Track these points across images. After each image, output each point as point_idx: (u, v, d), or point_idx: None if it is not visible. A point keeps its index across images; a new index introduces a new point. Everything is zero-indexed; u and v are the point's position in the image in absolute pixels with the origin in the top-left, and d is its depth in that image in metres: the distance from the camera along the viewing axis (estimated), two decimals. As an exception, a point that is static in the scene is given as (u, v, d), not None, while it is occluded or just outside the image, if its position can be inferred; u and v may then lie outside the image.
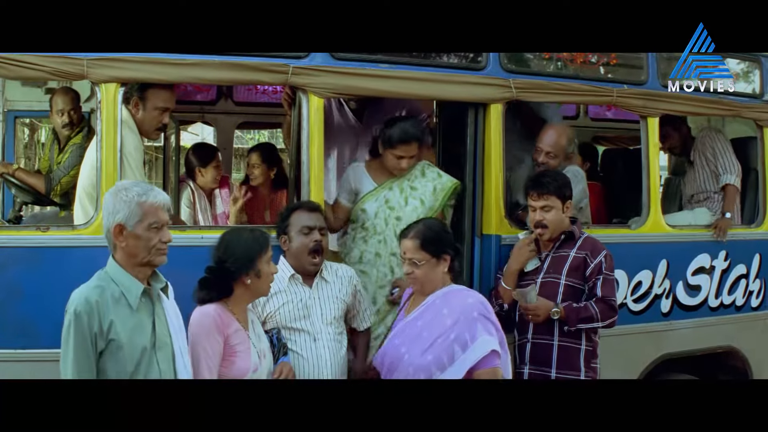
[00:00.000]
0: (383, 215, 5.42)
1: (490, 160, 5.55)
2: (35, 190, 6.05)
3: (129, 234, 3.65)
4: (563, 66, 6.44)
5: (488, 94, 5.52)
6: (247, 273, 4.24)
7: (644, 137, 6.15)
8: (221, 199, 7.02)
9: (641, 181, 6.15)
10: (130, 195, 3.66)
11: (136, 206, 3.65)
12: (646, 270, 6.14)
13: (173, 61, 4.73)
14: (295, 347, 4.70)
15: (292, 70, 4.95)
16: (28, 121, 11.66)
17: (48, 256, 4.34)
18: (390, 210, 5.43)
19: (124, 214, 3.64)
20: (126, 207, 3.64)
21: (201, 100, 8.36)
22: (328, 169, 6.11)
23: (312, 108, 5.03)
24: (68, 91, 6.30)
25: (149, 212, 3.67)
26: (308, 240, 4.80)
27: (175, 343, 3.84)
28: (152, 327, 3.73)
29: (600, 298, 5.09)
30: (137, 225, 3.65)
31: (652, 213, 6.13)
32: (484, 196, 5.60)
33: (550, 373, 5.14)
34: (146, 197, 3.68)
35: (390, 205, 5.44)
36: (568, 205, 5.25)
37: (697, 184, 7.10)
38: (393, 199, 5.46)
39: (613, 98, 5.97)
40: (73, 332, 3.49)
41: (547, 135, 5.88)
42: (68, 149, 5.97)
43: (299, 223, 4.83)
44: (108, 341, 3.55)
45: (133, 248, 3.68)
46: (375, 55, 5.20)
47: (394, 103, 6.05)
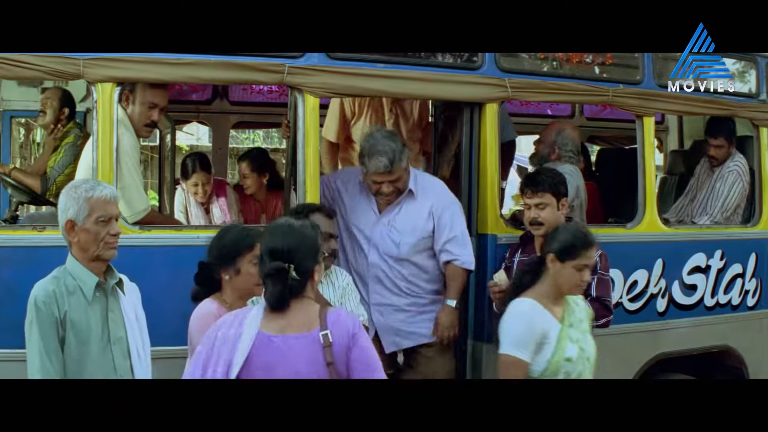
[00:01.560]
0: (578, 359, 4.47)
1: (486, 160, 5.55)
2: (31, 190, 6.05)
3: (79, 229, 3.78)
4: (559, 65, 6.45)
5: (484, 94, 5.52)
6: (226, 269, 4.23)
7: (640, 136, 6.17)
8: (218, 207, 6.97)
9: (637, 180, 6.15)
10: (79, 191, 3.79)
11: (84, 202, 3.76)
12: (642, 269, 6.15)
13: (169, 60, 4.73)
14: None
15: (287, 70, 4.94)
16: (23, 121, 11.62)
17: (44, 256, 4.34)
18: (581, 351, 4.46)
19: (74, 210, 3.76)
20: (75, 203, 3.76)
21: (196, 100, 8.35)
22: None
23: (308, 108, 5.02)
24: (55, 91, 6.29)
25: (96, 206, 3.78)
26: (327, 246, 4.71)
27: (130, 338, 3.92)
28: (105, 321, 3.83)
29: (595, 298, 5.09)
30: (86, 219, 3.77)
31: (648, 212, 6.14)
32: (479, 196, 5.60)
33: None
34: (93, 192, 3.79)
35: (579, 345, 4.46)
36: (563, 202, 5.24)
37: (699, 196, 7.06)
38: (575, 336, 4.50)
39: (608, 98, 5.97)
40: (36, 323, 3.64)
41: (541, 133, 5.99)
42: (62, 149, 5.96)
43: (320, 227, 4.75)
44: (65, 331, 3.68)
45: (84, 243, 3.79)
46: (371, 54, 5.21)
47: None
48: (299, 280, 3.63)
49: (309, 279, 3.70)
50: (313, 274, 3.73)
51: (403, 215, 5.37)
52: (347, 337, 3.57)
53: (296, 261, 3.64)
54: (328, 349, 3.54)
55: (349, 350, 3.57)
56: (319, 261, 3.75)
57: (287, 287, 3.61)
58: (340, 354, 3.55)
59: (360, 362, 3.58)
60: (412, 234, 5.34)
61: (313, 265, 3.70)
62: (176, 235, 4.97)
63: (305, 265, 3.67)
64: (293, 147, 5.13)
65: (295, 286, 3.63)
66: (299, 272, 3.63)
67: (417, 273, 5.41)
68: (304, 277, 3.67)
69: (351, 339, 3.57)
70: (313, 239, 3.74)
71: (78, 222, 3.77)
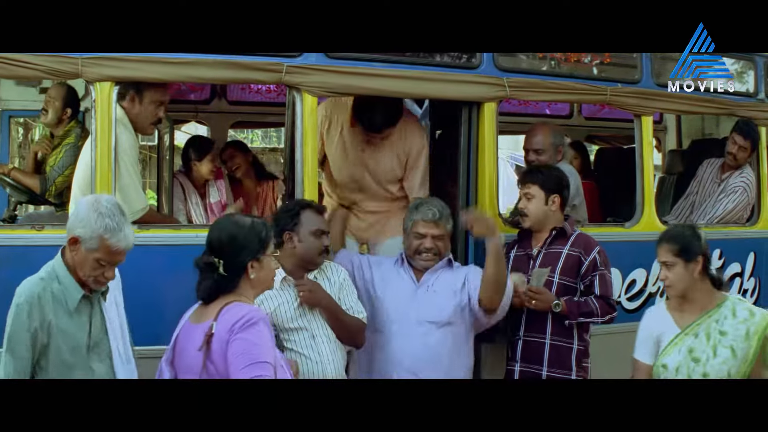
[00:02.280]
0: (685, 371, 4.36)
1: (484, 159, 5.56)
2: (30, 189, 6.05)
3: (80, 250, 3.69)
4: (557, 65, 6.45)
5: (482, 93, 5.53)
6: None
7: (638, 136, 6.18)
8: (215, 188, 7.02)
9: (635, 180, 6.15)
10: (99, 224, 3.66)
11: (97, 237, 3.66)
12: (641, 268, 6.16)
13: (168, 59, 4.74)
14: (296, 347, 4.67)
15: (286, 69, 4.95)
16: (22, 121, 11.63)
17: (43, 256, 4.33)
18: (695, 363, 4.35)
19: (85, 234, 3.67)
20: (90, 230, 3.66)
21: (195, 100, 8.35)
22: None
23: (306, 107, 5.03)
24: (59, 90, 6.25)
25: (104, 250, 3.69)
26: (320, 243, 4.76)
27: (112, 342, 3.89)
28: (89, 329, 3.80)
29: (599, 295, 5.11)
30: (90, 251, 3.68)
31: (646, 212, 6.15)
32: (478, 195, 5.60)
33: (542, 372, 5.14)
34: (110, 237, 3.67)
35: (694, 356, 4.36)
36: (554, 199, 5.24)
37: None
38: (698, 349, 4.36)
39: (606, 97, 5.98)
40: (14, 322, 3.60)
41: (532, 134, 5.96)
42: (62, 149, 5.96)
43: (312, 224, 4.75)
44: (49, 336, 3.63)
45: (79, 263, 3.72)
46: (370, 54, 5.21)
47: None
48: (227, 276, 3.68)
49: (242, 276, 3.72)
50: (248, 272, 3.73)
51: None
52: (228, 331, 3.57)
53: (226, 257, 3.68)
54: (209, 338, 3.59)
55: (227, 343, 3.56)
56: (258, 258, 3.75)
57: (215, 282, 3.68)
58: (220, 345, 3.57)
59: (233, 354, 3.55)
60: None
61: (247, 261, 3.71)
62: (175, 234, 4.97)
63: (236, 261, 3.69)
64: (291, 146, 5.12)
65: (222, 282, 3.68)
66: (229, 268, 3.67)
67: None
68: (235, 273, 3.70)
69: (230, 332, 3.56)
70: (250, 236, 3.74)
71: (82, 246, 3.68)
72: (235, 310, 3.64)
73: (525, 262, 5.31)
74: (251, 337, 3.58)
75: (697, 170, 7.23)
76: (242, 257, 3.71)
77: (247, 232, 3.75)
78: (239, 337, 3.56)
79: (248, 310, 3.66)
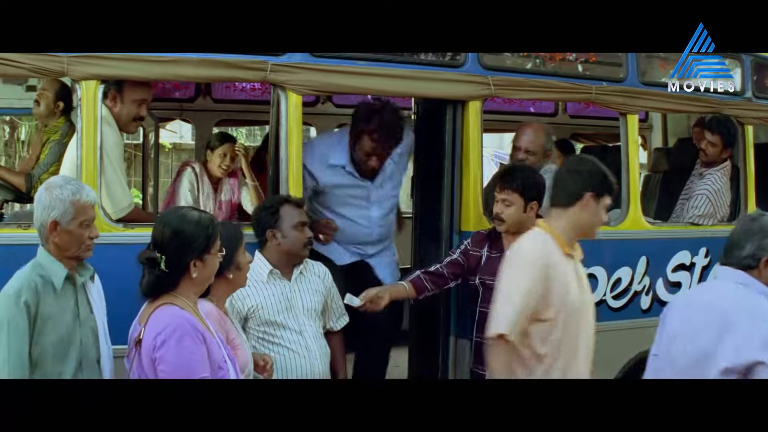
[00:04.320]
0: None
1: (468, 157, 5.57)
2: (16, 187, 6.03)
3: (62, 230, 3.79)
4: (542, 63, 6.46)
5: (467, 92, 5.53)
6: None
7: (624, 134, 6.18)
8: (229, 185, 6.97)
9: (620, 178, 6.14)
10: (65, 193, 3.79)
11: (70, 204, 3.78)
12: (626, 267, 6.15)
13: (153, 58, 4.74)
14: (283, 342, 4.71)
15: (270, 67, 4.95)
16: (8, 119, 11.61)
17: (30, 254, 4.32)
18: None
19: (59, 212, 3.77)
20: (61, 204, 3.77)
21: (179, 98, 8.33)
22: None
23: (290, 105, 5.04)
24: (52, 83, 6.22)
25: (81, 210, 3.81)
26: (303, 236, 4.86)
27: (97, 318, 3.97)
28: (76, 310, 3.86)
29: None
30: (70, 222, 3.79)
31: (632, 210, 6.16)
32: (462, 193, 5.61)
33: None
34: (79, 196, 3.81)
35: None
36: (533, 206, 5.12)
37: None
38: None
39: (592, 95, 5.99)
40: (9, 315, 3.63)
41: (525, 133, 5.91)
42: (47, 146, 5.94)
43: (293, 218, 4.84)
44: (42, 321, 3.70)
45: (65, 243, 3.82)
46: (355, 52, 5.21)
47: None
48: (168, 274, 3.59)
49: (184, 274, 3.62)
50: (190, 270, 3.62)
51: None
52: (152, 342, 3.50)
53: (168, 253, 3.58)
54: (137, 344, 3.57)
55: (152, 361, 3.50)
56: (202, 258, 3.63)
57: (157, 278, 3.59)
58: (147, 354, 3.52)
59: (164, 376, 3.47)
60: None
61: (190, 259, 3.61)
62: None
63: (177, 260, 3.59)
64: (276, 145, 5.13)
65: (164, 278, 3.59)
66: (170, 265, 3.58)
67: None
68: (175, 271, 3.60)
69: (153, 348, 3.49)
70: (196, 233, 3.62)
71: (62, 223, 3.78)
72: (157, 321, 3.53)
73: (499, 263, 5.23)
74: (171, 359, 3.47)
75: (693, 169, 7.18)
76: (185, 254, 3.60)
77: (194, 228, 3.61)
78: (163, 360, 3.47)
79: (166, 324, 3.52)
